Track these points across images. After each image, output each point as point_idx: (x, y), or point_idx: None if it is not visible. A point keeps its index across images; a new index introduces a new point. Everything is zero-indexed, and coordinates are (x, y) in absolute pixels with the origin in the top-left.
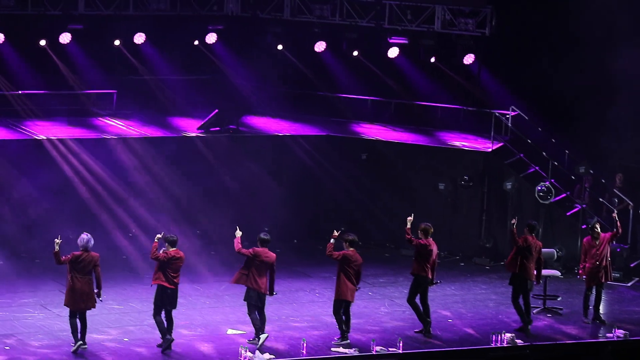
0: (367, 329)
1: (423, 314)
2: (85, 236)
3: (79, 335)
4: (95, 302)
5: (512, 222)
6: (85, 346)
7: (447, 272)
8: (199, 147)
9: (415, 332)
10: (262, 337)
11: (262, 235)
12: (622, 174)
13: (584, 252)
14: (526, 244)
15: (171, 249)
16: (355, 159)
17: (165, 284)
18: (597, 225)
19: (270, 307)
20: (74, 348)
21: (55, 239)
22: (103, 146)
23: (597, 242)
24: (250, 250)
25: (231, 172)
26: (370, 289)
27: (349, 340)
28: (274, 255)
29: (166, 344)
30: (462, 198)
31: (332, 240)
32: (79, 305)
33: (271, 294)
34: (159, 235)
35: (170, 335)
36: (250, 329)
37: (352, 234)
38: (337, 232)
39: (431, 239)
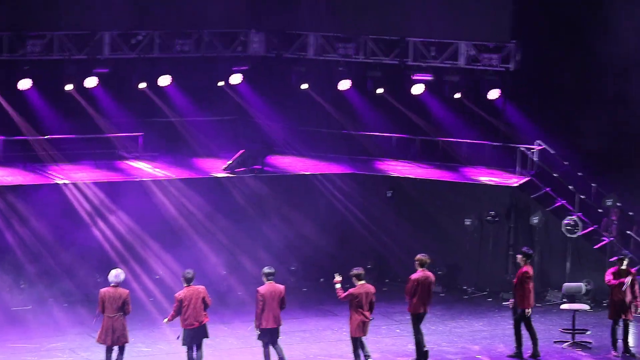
0: None
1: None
2: (114, 271)
3: None
4: (127, 338)
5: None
6: None
7: (475, 309)
8: (226, 187)
9: None
10: None
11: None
12: None
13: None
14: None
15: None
16: (381, 197)
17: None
18: (626, 262)
19: (299, 346)
20: None
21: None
22: (134, 188)
23: (622, 275)
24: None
25: (258, 210)
26: (397, 326)
27: None
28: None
29: None
30: (488, 233)
31: (337, 286)
32: (108, 340)
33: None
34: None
35: None
36: None
37: (357, 269)
38: (339, 275)
39: (427, 270)
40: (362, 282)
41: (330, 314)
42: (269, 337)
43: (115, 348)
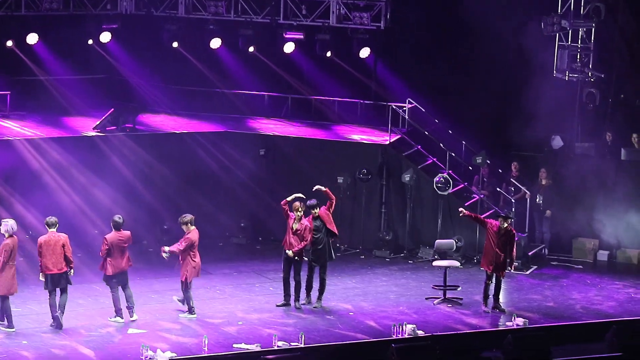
0: (269, 323)
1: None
2: (10, 221)
3: None
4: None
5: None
6: None
7: (348, 265)
8: (99, 146)
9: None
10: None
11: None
12: (518, 162)
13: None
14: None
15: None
16: (254, 155)
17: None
18: (508, 222)
19: (171, 305)
20: None
21: None
22: (1, 147)
23: (501, 233)
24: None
25: (130, 169)
26: (271, 284)
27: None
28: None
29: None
30: (360, 191)
31: (166, 248)
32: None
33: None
34: None
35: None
36: (152, 326)
37: (187, 215)
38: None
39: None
40: (194, 227)
41: (203, 272)
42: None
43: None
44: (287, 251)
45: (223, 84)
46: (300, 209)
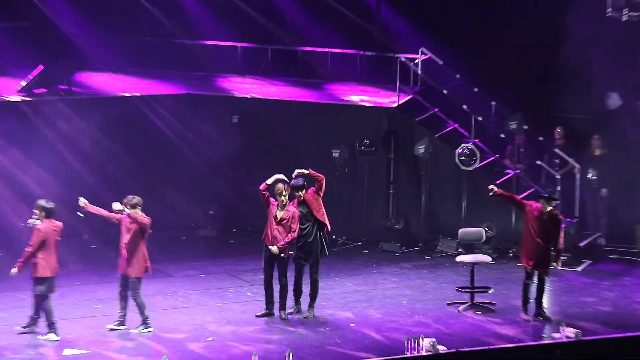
0: (247, 338)
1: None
2: None
3: None
4: None
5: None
6: None
7: (347, 263)
8: (25, 113)
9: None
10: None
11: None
12: (563, 128)
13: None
14: None
15: None
16: (225, 124)
17: None
18: (553, 204)
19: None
20: None
21: None
22: None
23: (543, 219)
24: None
25: (64, 143)
26: (249, 289)
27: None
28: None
29: None
30: (362, 168)
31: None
32: None
33: None
34: None
35: None
36: (96, 344)
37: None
38: None
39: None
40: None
41: (162, 274)
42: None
43: None
44: (269, 247)
45: (184, 33)
46: (284, 193)
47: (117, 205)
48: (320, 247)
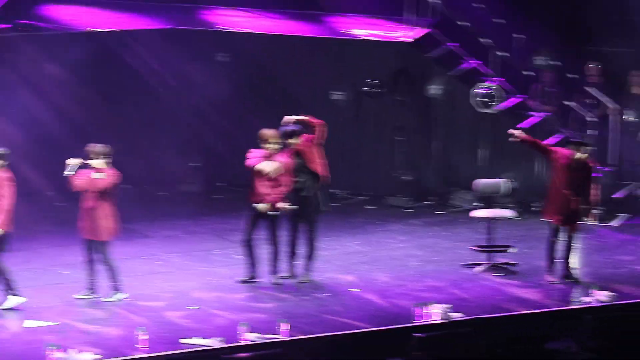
0: (235, 307)
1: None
2: None
3: None
4: None
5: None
6: None
7: (349, 220)
8: None
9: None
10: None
11: None
12: (600, 63)
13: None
14: None
15: None
16: (211, 62)
17: None
18: (584, 150)
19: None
20: None
21: None
22: None
23: (573, 167)
24: None
25: (27, 87)
26: (236, 250)
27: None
28: None
29: None
30: (367, 111)
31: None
32: None
33: None
34: None
35: None
36: (63, 314)
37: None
38: None
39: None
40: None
41: (140, 235)
42: None
43: None
44: (255, 205)
45: None
46: (273, 140)
47: (72, 161)
48: (317, 202)
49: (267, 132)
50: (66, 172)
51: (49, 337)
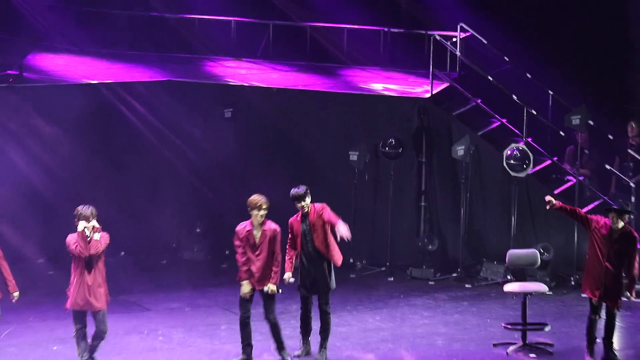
0: None
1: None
2: None
3: None
4: None
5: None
6: None
7: (368, 293)
8: None
9: None
10: None
11: None
12: (639, 123)
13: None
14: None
15: None
16: (216, 118)
17: None
18: (625, 218)
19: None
20: None
21: None
22: None
23: (614, 237)
24: None
25: (14, 142)
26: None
27: None
28: None
29: None
30: (387, 174)
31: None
32: None
33: None
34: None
35: None
36: None
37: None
38: None
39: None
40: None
41: (138, 308)
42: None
43: None
44: (244, 284)
45: (166, 5)
46: (264, 207)
47: (86, 224)
48: (326, 276)
49: (257, 199)
50: (87, 234)
51: None
